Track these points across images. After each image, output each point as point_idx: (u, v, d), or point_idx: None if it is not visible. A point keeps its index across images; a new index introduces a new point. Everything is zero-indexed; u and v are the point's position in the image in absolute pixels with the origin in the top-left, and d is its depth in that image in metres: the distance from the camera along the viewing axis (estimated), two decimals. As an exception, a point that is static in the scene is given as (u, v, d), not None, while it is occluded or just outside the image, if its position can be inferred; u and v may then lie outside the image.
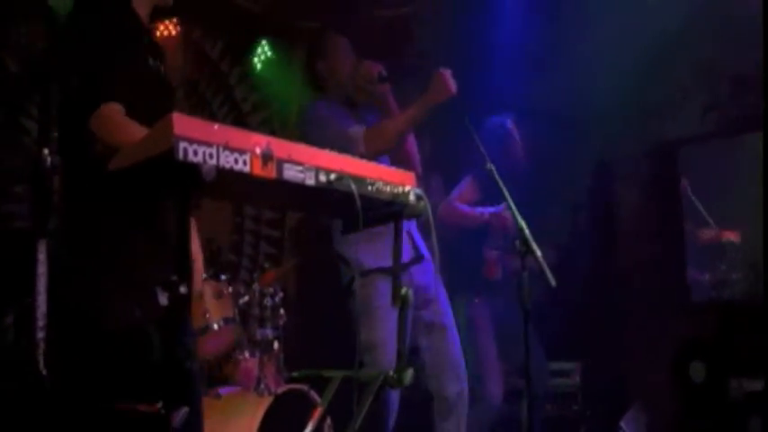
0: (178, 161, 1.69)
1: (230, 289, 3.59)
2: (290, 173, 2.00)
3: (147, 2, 2.25)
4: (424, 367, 3.12)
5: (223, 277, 3.63)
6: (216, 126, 1.79)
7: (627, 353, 4.95)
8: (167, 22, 4.68)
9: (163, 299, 1.67)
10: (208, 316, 3.47)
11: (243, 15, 5.08)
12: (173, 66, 4.89)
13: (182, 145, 1.70)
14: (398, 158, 3.22)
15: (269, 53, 5.26)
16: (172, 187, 1.80)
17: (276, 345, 3.81)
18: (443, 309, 3.17)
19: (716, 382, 4.50)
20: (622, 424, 3.91)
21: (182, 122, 1.72)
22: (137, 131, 1.91)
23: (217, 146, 1.78)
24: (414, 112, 3.08)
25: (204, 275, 3.58)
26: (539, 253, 2.73)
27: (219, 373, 3.82)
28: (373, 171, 2.27)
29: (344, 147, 2.93)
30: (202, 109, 5.08)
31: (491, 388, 3.87)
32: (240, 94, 5.32)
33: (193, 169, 1.71)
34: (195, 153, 1.73)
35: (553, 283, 2.73)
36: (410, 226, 3.17)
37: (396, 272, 2.44)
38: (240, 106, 5.31)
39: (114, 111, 1.93)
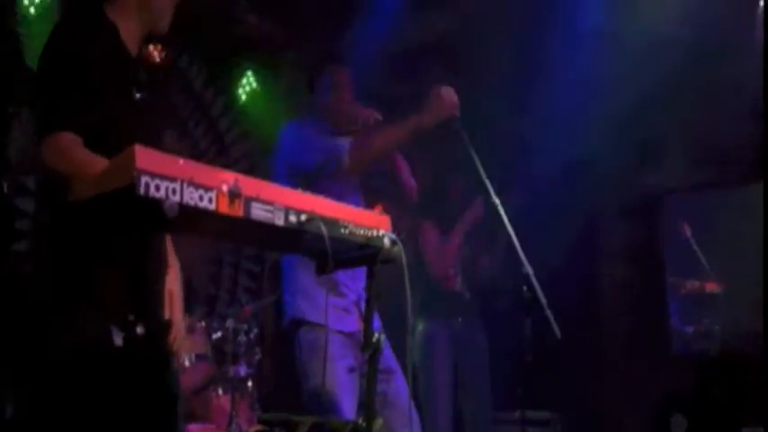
0: (139, 196, 1.62)
1: (203, 324, 3.49)
2: (259, 212, 1.93)
3: (138, 29, 2.16)
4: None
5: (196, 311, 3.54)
6: (181, 161, 1.72)
7: (606, 403, 4.86)
8: (152, 47, 4.62)
9: (118, 339, 1.59)
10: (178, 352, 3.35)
11: (229, 45, 5.04)
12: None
13: (143, 179, 1.63)
14: (393, 180, 3.16)
15: (254, 84, 5.22)
16: (133, 222, 1.72)
17: (250, 383, 3.72)
18: (387, 351, 3.07)
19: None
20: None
21: (144, 156, 1.64)
22: (91, 163, 1.81)
23: (181, 181, 1.71)
24: (401, 128, 2.86)
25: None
26: (544, 301, 2.65)
27: (191, 409, 3.71)
28: (347, 213, 2.20)
29: (329, 159, 2.87)
30: (184, 138, 5.02)
31: (439, 419, 3.78)
32: (224, 125, 5.27)
33: (155, 205, 1.64)
34: (158, 188, 1.66)
35: (558, 335, 2.65)
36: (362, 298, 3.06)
37: (368, 317, 2.36)
38: (223, 137, 5.26)
39: (66, 140, 1.85)
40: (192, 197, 1.73)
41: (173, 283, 2.14)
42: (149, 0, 2.12)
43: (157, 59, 4.64)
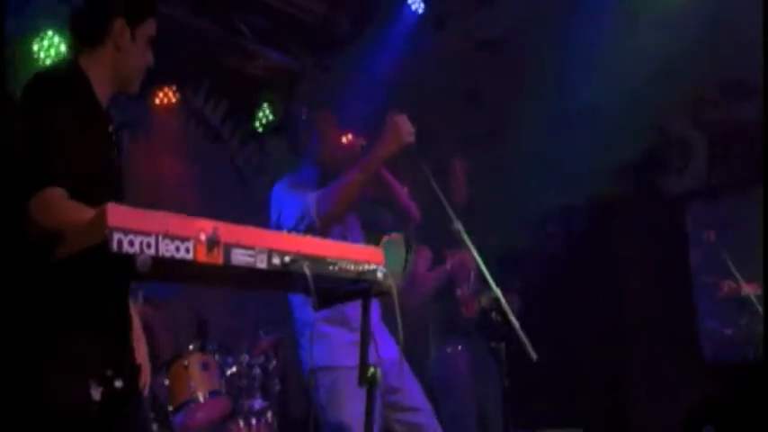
0: (112, 252, 1.66)
1: (217, 359, 3.53)
2: (239, 257, 1.95)
3: (109, 86, 2.18)
4: None
5: (213, 347, 3.59)
6: (156, 214, 1.76)
7: (634, 416, 4.77)
8: (166, 88, 4.73)
9: (96, 394, 1.63)
10: (193, 388, 3.41)
11: (244, 80, 5.12)
12: (170, 131, 4.96)
13: (116, 236, 1.67)
14: (395, 210, 3.16)
15: (270, 116, 5.30)
16: (108, 278, 1.76)
17: (269, 414, 3.75)
18: (412, 388, 3.06)
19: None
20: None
21: (116, 213, 1.68)
22: (80, 212, 1.83)
23: (156, 235, 1.74)
24: (362, 168, 2.85)
25: (191, 347, 3.56)
26: (516, 324, 2.61)
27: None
28: (336, 250, 2.22)
29: (304, 215, 2.89)
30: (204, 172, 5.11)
31: None
32: (241, 158, 5.36)
33: (128, 260, 1.68)
34: (131, 243, 1.69)
35: (534, 357, 2.61)
36: (375, 324, 3.06)
37: (363, 351, 2.37)
38: (243, 170, 5.33)
39: (55, 194, 1.88)
40: (167, 249, 1.76)
41: (136, 325, 2.17)
42: (125, 57, 2.15)
43: (173, 100, 4.74)
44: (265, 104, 5.32)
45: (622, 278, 5.00)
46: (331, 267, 2.18)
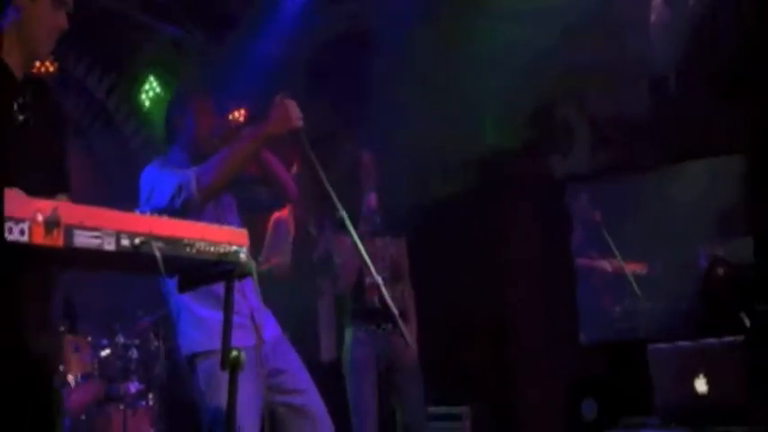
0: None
1: (89, 340, 3.41)
2: (83, 239, 1.87)
3: (19, 58, 2.16)
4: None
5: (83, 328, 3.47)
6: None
7: (519, 392, 4.90)
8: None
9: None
10: (63, 372, 3.29)
11: (132, 53, 4.94)
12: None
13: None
14: (272, 188, 3.09)
15: (157, 89, 5.13)
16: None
17: (150, 398, 3.66)
18: (296, 374, 3.03)
19: (608, 419, 4.47)
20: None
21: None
22: None
23: (-14, 215, 1.65)
24: (245, 143, 2.82)
25: (61, 329, 3.43)
26: (395, 310, 2.62)
27: (91, 427, 3.63)
28: (194, 231, 2.16)
29: (180, 190, 2.79)
30: (85, 146, 4.91)
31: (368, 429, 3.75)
32: (129, 131, 5.18)
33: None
34: (-43, 226, 1.60)
35: (411, 344, 2.62)
36: (252, 303, 3.02)
37: (225, 335, 2.32)
38: (129, 143, 5.15)
39: None
40: (-1, 230, 1.67)
41: None
42: (30, 30, 2.14)
43: (50, 70, 4.52)
44: (152, 77, 5.15)
45: (506, 256, 5.08)
46: (188, 249, 2.12)
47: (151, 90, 5.15)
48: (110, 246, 1.92)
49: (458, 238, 4.92)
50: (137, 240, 1.98)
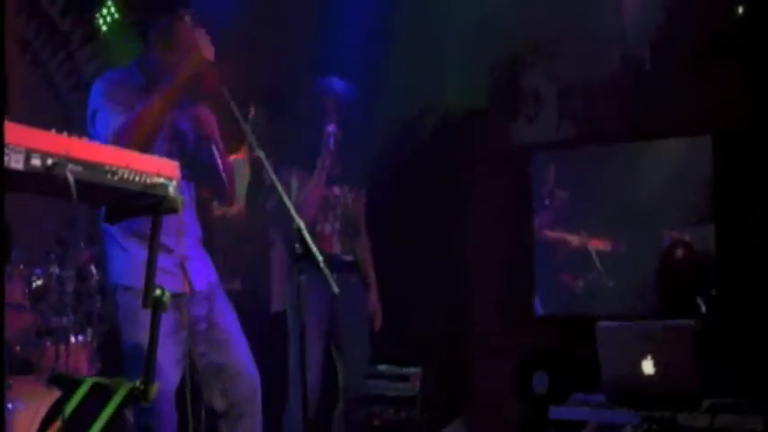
0: None
1: (22, 269, 3.24)
2: (-13, 155, 1.70)
3: None
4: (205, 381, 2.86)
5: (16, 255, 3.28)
6: None
7: (471, 361, 4.82)
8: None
9: None
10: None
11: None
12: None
13: None
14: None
15: (115, 14, 4.88)
16: None
17: (89, 334, 3.51)
18: (224, 324, 2.90)
19: (558, 394, 4.42)
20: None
21: None
22: None
23: None
24: (159, 94, 2.64)
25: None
26: (320, 257, 2.48)
27: (25, 359, 3.48)
28: (119, 158, 1.99)
29: (107, 140, 2.63)
30: (37, 70, 4.68)
31: (310, 381, 3.63)
32: (83, 56, 4.93)
33: None
34: None
35: (336, 290, 2.49)
36: (187, 251, 2.86)
37: (149, 272, 2.17)
38: (82, 69, 4.91)
39: None
40: None
41: None
42: None
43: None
44: (110, 1, 4.89)
45: (468, 226, 4.95)
46: (109, 176, 1.95)
47: (109, 15, 4.90)
48: (17, 164, 1.76)
49: (417, 200, 4.79)
50: (49, 161, 1.81)
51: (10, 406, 2.89)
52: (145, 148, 2.61)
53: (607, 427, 3.14)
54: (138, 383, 2.08)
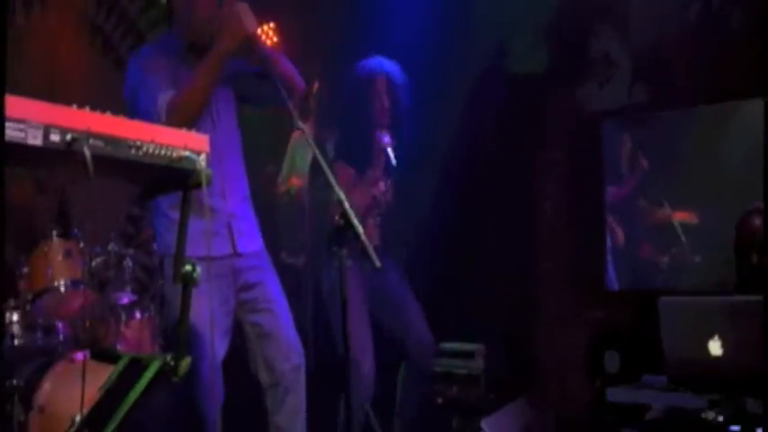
0: None
1: (81, 246, 3.33)
2: (6, 131, 1.72)
3: None
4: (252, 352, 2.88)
5: (77, 234, 3.38)
6: None
7: (538, 336, 4.68)
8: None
9: None
10: (51, 276, 3.22)
11: None
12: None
13: None
14: (277, 82, 2.90)
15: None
16: None
17: (152, 310, 3.58)
18: (265, 278, 2.90)
19: (631, 373, 4.24)
20: (484, 425, 3.56)
21: None
22: None
23: None
24: (202, 69, 2.69)
25: (54, 233, 3.36)
26: (360, 230, 2.44)
27: (93, 336, 3.59)
28: (144, 132, 1.99)
29: (151, 116, 2.65)
30: (108, 54, 4.79)
31: (361, 359, 3.56)
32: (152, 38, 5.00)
33: None
34: None
35: (377, 264, 2.45)
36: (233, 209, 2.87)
37: (179, 247, 2.18)
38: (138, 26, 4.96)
39: None
40: None
41: None
42: None
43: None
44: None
45: (537, 198, 4.79)
46: (133, 151, 1.95)
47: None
48: (35, 140, 1.77)
49: (481, 171, 4.65)
50: (68, 136, 1.81)
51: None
52: (194, 121, 2.64)
53: (675, 411, 2.96)
54: (168, 358, 2.09)
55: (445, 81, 4.29)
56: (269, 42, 5.06)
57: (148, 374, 2.06)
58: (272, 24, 4.97)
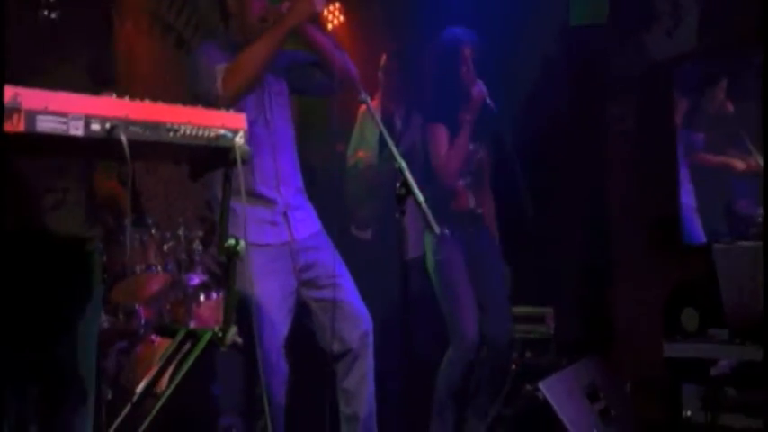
0: None
1: (153, 232, 3.52)
2: (47, 124, 1.87)
3: None
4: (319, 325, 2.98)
5: (150, 221, 3.57)
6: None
7: (611, 297, 4.60)
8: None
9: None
10: (128, 262, 3.43)
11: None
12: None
13: None
14: (330, 71, 2.99)
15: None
16: None
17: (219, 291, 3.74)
18: (326, 255, 3.00)
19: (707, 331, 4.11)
20: (542, 386, 3.53)
21: None
22: None
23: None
24: (266, 38, 2.79)
25: (126, 221, 3.55)
26: (421, 198, 2.51)
27: (173, 318, 3.78)
28: (180, 115, 2.10)
29: (208, 89, 2.77)
30: (179, 50, 4.95)
31: (465, 327, 3.69)
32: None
33: None
34: None
35: (437, 230, 2.52)
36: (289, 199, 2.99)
37: (222, 225, 2.29)
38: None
39: None
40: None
41: None
42: None
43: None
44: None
45: (606, 148, 4.69)
46: (171, 134, 2.07)
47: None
48: (77, 131, 1.90)
49: (549, 128, 4.59)
50: (107, 125, 1.94)
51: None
52: (248, 87, 2.78)
53: (743, 365, 2.87)
54: (217, 329, 2.21)
55: (514, 44, 4.29)
56: (335, 22, 5.15)
57: (200, 345, 2.18)
58: (337, 4, 5.05)
